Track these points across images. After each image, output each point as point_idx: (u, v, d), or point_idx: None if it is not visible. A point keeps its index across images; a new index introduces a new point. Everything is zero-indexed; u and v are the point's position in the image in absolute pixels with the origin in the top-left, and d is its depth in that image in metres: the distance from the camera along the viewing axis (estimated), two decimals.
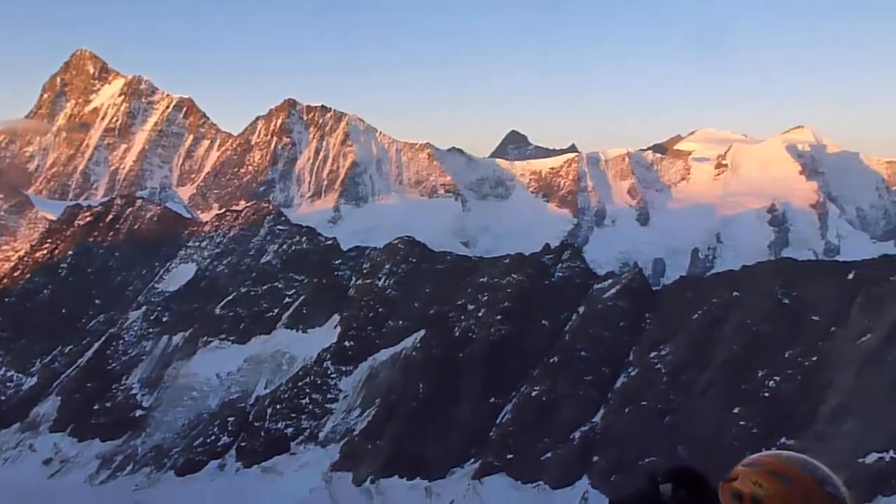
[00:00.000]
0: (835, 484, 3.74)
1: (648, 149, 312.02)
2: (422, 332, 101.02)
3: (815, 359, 76.98)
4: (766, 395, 77.14)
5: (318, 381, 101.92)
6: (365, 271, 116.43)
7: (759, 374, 79.09)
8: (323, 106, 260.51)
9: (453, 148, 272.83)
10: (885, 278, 78.70)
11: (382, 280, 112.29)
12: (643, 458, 76.26)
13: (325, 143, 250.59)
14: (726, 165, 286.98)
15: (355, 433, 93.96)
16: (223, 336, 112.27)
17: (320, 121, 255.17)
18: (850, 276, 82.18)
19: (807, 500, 3.69)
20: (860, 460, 63.83)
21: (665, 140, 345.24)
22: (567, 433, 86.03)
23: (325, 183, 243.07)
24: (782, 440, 72.53)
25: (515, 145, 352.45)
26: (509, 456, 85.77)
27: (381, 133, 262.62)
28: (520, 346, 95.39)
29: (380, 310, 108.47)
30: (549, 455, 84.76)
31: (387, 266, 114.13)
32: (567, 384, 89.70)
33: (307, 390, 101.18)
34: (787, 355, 78.96)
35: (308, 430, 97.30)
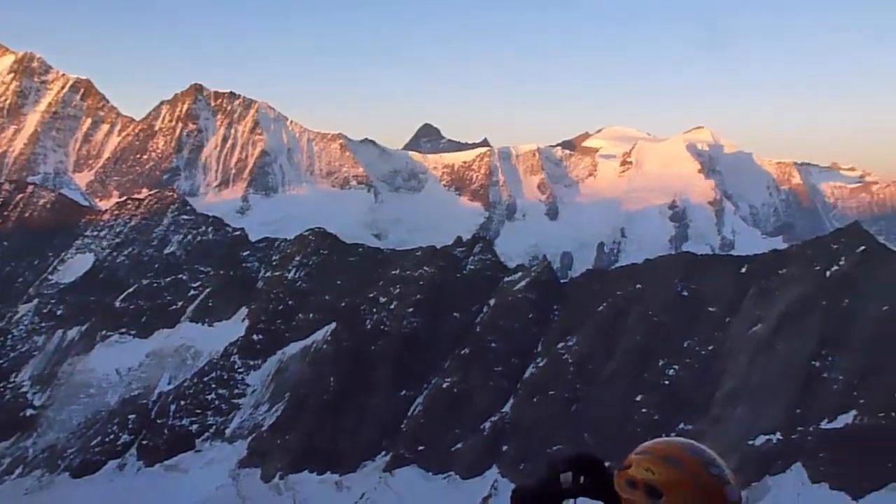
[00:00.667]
0: (719, 465, 4.03)
1: (558, 145, 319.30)
2: (332, 325, 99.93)
3: (711, 348, 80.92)
4: (667, 382, 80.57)
5: (225, 376, 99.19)
6: (274, 263, 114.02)
7: (660, 363, 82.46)
8: (231, 92, 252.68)
9: (366, 139, 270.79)
10: (774, 272, 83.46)
11: (292, 272, 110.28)
12: (551, 447, 78.18)
13: (233, 131, 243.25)
14: (631, 163, 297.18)
15: (263, 428, 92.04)
16: (123, 330, 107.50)
17: (228, 107, 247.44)
18: (744, 270, 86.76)
19: (695, 481, 3.91)
20: (750, 442, 67.67)
21: (574, 137, 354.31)
22: (477, 423, 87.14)
23: (234, 172, 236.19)
24: (681, 425, 75.97)
25: (428, 138, 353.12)
26: (420, 448, 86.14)
27: (292, 122, 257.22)
28: (431, 339, 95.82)
29: (289, 302, 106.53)
30: (459, 446, 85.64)
31: (297, 258, 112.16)
32: (478, 375, 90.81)
33: (213, 385, 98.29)
34: (685, 344, 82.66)
35: (214, 427, 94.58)
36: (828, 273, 77.17)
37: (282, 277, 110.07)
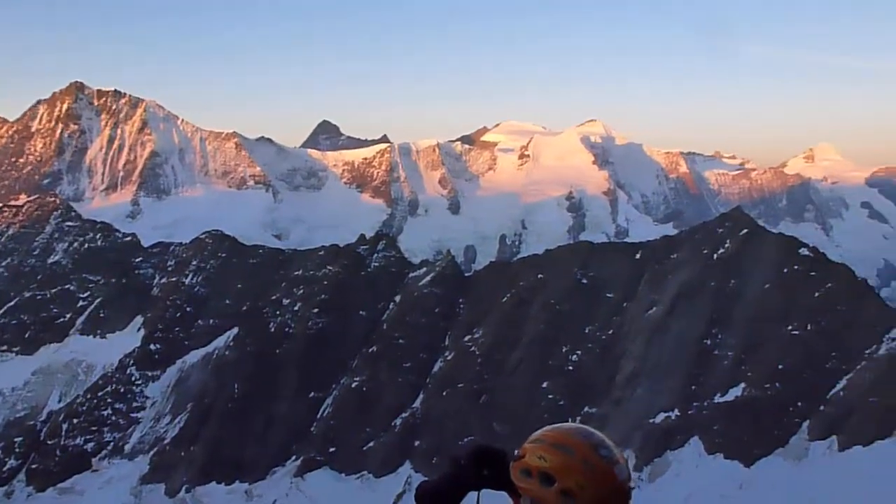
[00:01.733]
0: (608, 447, 4.16)
1: (457, 140, 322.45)
2: (235, 330, 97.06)
3: (610, 332, 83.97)
4: (570, 368, 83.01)
5: (122, 390, 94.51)
6: (170, 269, 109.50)
7: (564, 350, 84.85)
8: (116, 90, 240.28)
9: (262, 137, 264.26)
10: (666, 257, 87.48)
11: (190, 277, 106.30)
12: (462, 439, 79.05)
13: (119, 131, 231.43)
14: (528, 156, 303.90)
15: (166, 441, 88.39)
16: (5, 347, 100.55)
17: (113, 107, 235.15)
18: (638, 256, 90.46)
19: (586, 464, 4.03)
20: (651, 420, 70.76)
21: (472, 132, 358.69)
22: (388, 421, 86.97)
23: (122, 174, 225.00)
24: (586, 409, 78.53)
25: (327, 135, 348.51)
26: (332, 449, 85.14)
27: (183, 121, 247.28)
28: (338, 338, 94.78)
29: (188, 309, 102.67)
30: (371, 445, 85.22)
31: (194, 262, 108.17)
32: (386, 372, 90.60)
33: (109, 400, 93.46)
34: (586, 330, 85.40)
35: (112, 444, 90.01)
36: (715, 256, 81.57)
37: (178, 283, 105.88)
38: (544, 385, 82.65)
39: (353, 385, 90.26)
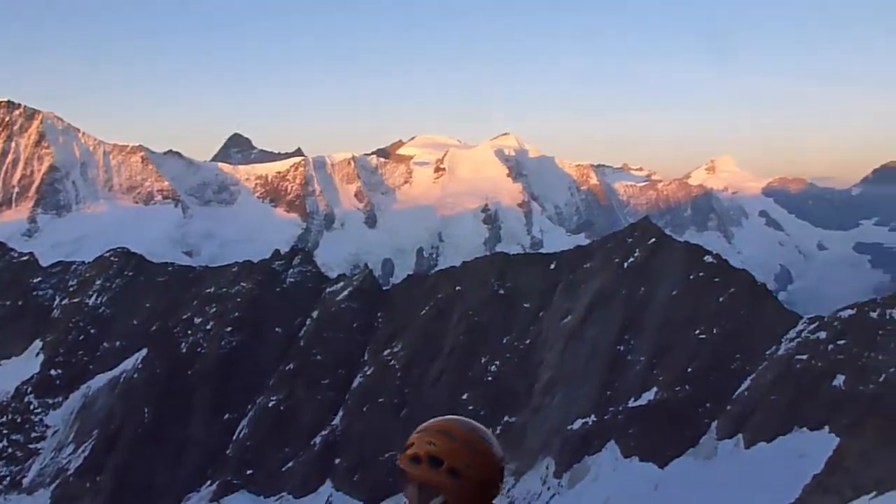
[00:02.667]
0: (485, 432, 4.76)
1: (373, 153, 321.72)
2: (143, 352, 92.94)
3: (527, 341, 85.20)
4: (489, 378, 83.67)
5: (19, 420, 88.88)
6: (71, 289, 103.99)
7: (482, 360, 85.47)
8: (10, 101, 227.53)
9: (170, 151, 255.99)
10: (579, 266, 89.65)
11: (94, 297, 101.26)
12: (384, 454, 78.30)
13: (14, 144, 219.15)
14: (444, 169, 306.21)
15: (70, 472, 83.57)
16: None
17: (7, 118, 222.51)
18: (552, 266, 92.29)
19: (468, 446, 4.60)
20: (569, 427, 72.05)
21: (388, 145, 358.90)
22: (307, 440, 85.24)
23: (17, 190, 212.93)
24: (506, 418, 79.27)
25: (239, 149, 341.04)
26: (249, 471, 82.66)
27: (84, 133, 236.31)
28: (253, 357, 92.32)
29: (92, 331, 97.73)
30: (290, 465, 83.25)
31: (98, 282, 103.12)
32: (304, 390, 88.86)
33: (5, 431, 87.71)
34: (504, 340, 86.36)
35: (9, 478, 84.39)
36: (625, 265, 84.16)
37: (81, 304, 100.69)
38: (464, 396, 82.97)
39: (270, 404, 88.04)
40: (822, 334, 63.30)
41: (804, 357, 62.47)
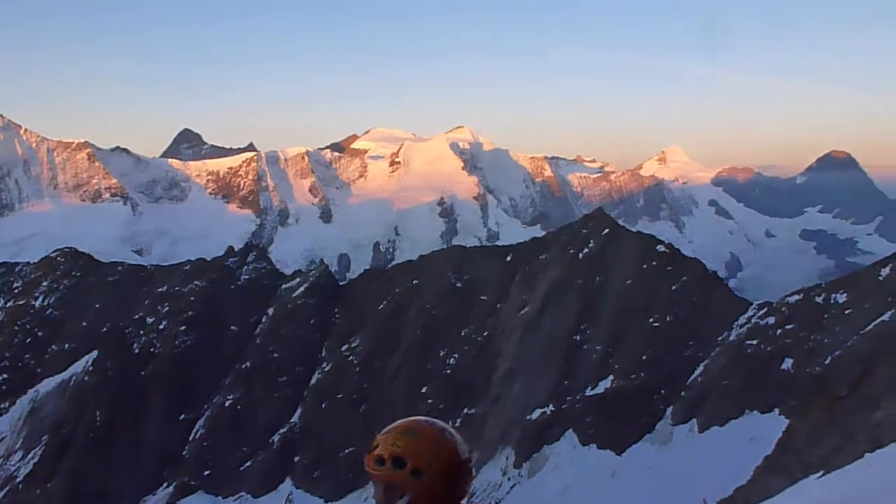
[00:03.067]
0: (451, 431, 4.70)
1: (326, 147, 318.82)
2: (94, 354, 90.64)
3: (485, 333, 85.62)
4: (449, 371, 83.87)
5: None
6: (17, 291, 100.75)
7: (441, 353, 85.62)
8: None
9: (118, 147, 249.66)
10: (535, 258, 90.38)
11: (40, 299, 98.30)
12: (344, 450, 77.95)
13: None
14: (399, 163, 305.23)
15: (19, 480, 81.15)
16: None
17: None
18: (509, 258, 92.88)
19: (432, 444, 4.58)
20: (528, 417, 72.70)
21: (342, 139, 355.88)
22: (266, 438, 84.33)
23: None
24: (465, 410, 79.60)
25: (189, 144, 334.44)
26: (206, 472, 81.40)
27: (27, 130, 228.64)
28: (208, 356, 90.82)
29: (39, 333, 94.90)
30: (249, 464, 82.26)
31: (45, 283, 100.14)
32: (262, 388, 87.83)
33: None
34: (462, 333, 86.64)
35: None
36: (580, 255, 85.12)
37: (27, 306, 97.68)
38: (424, 389, 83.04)
39: (227, 403, 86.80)
40: (771, 320, 65.07)
41: (754, 342, 64.13)
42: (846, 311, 59.20)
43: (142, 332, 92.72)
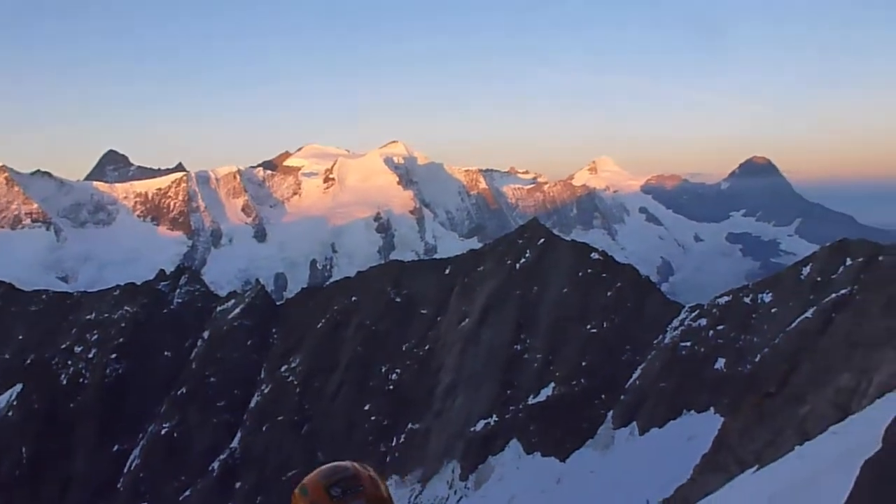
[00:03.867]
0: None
1: (258, 166, 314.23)
2: (18, 387, 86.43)
3: (427, 347, 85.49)
4: (391, 387, 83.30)
5: None
6: None
7: (382, 369, 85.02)
8: None
9: (38, 171, 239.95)
10: (473, 270, 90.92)
11: None
12: (286, 473, 76.35)
13: None
14: (333, 179, 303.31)
15: None
16: None
17: None
18: (447, 271, 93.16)
19: (381, 485, 4.25)
20: (471, 429, 72.79)
21: (274, 157, 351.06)
22: (205, 465, 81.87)
23: None
24: (409, 425, 79.13)
25: (115, 166, 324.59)
26: None
27: None
28: (141, 384, 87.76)
29: None
30: (187, 493, 79.66)
31: None
32: (198, 414, 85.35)
33: None
34: (403, 348, 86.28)
35: None
36: (517, 266, 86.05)
37: None
38: (366, 407, 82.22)
39: (163, 432, 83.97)
40: (703, 321, 67.09)
41: (688, 344, 65.97)
42: (772, 310, 61.58)
43: (69, 363, 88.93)
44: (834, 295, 52.00)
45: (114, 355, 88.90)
